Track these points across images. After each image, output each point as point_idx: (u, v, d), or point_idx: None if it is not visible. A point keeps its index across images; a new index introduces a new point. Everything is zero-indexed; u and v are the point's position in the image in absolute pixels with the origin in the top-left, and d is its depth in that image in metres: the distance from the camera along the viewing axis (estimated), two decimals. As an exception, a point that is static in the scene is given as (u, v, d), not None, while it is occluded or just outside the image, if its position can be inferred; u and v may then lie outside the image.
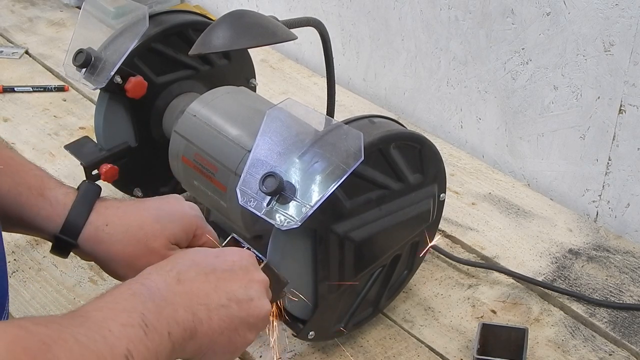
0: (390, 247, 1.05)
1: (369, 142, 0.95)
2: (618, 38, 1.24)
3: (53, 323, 0.62)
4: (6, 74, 1.77)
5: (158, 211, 0.90)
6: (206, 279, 0.74)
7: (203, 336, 0.72)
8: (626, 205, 1.34)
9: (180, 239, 0.90)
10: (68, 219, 0.87)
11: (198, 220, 0.92)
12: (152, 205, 0.91)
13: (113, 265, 0.88)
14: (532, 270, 1.24)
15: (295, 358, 1.09)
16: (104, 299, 0.68)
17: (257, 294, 0.77)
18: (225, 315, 0.74)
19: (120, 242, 0.87)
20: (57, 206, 0.87)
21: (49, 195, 0.87)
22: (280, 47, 1.84)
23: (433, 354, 1.10)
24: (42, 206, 0.87)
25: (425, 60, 1.59)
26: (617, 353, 1.10)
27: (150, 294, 0.69)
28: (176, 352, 0.70)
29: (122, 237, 0.87)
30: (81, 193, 0.89)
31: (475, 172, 1.48)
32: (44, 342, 0.58)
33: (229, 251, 0.81)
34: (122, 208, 0.90)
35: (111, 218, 0.88)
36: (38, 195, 0.87)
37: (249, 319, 0.76)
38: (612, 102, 1.29)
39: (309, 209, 0.88)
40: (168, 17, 1.25)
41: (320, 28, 1.15)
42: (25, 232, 0.91)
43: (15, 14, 2.05)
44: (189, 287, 0.73)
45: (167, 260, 0.76)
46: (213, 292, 0.74)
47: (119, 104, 1.23)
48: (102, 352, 0.61)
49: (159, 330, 0.67)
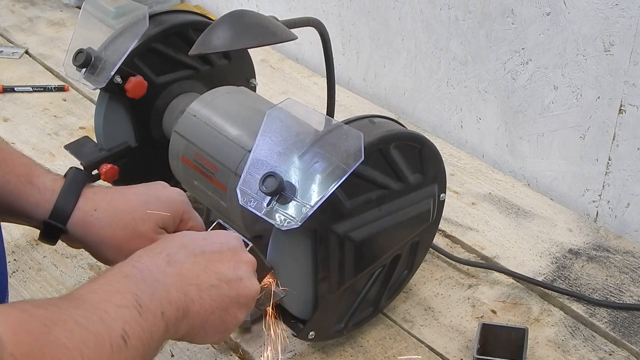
0: (390, 247, 1.05)
1: (369, 142, 0.95)
2: (618, 38, 1.24)
3: (52, 306, 0.63)
4: (6, 74, 1.77)
5: (146, 196, 0.92)
6: (195, 260, 0.76)
7: (195, 315, 0.73)
8: (626, 205, 1.34)
9: (168, 224, 0.92)
10: (57, 205, 0.87)
11: (184, 205, 0.94)
12: (140, 190, 0.93)
13: (102, 250, 0.89)
14: (532, 270, 1.24)
15: (295, 358, 1.09)
16: (98, 282, 0.69)
17: (245, 274, 0.79)
18: (216, 295, 0.76)
19: (109, 227, 0.88)
20: (45, 192, 0.88)
21: (37, 182, 0.88)
22: (280, 47, 1.84)
23: (433, 354, 1.10)
24: (31, 193, 0.88)
25: (425, 60, 1.59)
26: (617, 353, 1.10)
27: (142, 276, 0.71)
28: (170, 332, 0.71)
29: (110, 221, 0.88)
30: (69, 179, 0.90)
31: (475, 172, 1.48)
32: (45, 325, 0.59)
33: (216, 234, 0.82)
34: (110, 193, 0.91)
35: (100, 203, 0.89)
36: (26, 183, 0.88)
37: (239, 298, 0.78)
38: (612, 102, 1.29)
39: (309, 209, 0.88)
40: (168, 17, 1.25)
41: (320, 28, 1.15)
42: (14, 220, 0.91)
43: (15, 13, 2.05)
44: (179, 268, 0.74)
45: (156, 244, 0.77)
46: (203, 272, 0.75)
47: (119, 104, 1.23)
48: (100, 332, 0.63)
49: (153, 311, 0.68)
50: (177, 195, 0.94)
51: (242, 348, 1.10)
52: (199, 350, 1.09)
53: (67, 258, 1.24)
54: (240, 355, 1.10)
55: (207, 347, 1.10)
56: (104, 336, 0.63)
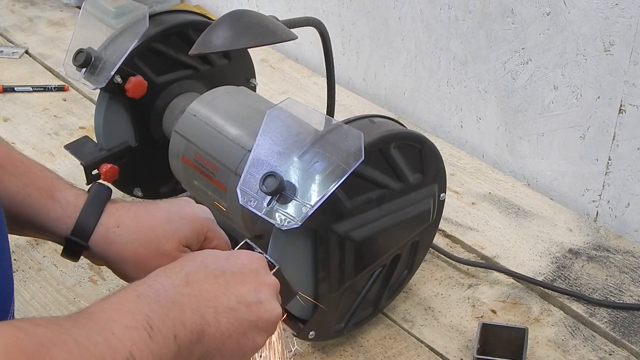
0: (391, 246, 1.05)
1: (369, 141, 0.95)
2: (618, 38, 1.24)
3: (53, 324, 0.60)
4: (6, 73, 1.77)
5: (169, 213, 0.89)
6: (215, 281, 0.72)
7: (211, 339, 0.70)
8: (626, 205, 1.34)
9: (192, 242, 0.89)
10: (79, 221, 0.85)
11: (209, 223, 0.90)
12: (164, 207, 0.90)
13: (124, 267, 0.87)
14: (532, 270, 1.24)
15: (295, 358, 1.09)
16: (109, 301, 0.67)
17: (267, 297, 0.75)
18: (234, 318, 0.72)
19: (132, 244, 0.86)
20: (67, 208, 0.86)
21: (60, 197, 0.86)
22: (280, 46, 1.84)
23: (433, 354, 1.10)
24: (53, 208, 0.85)
25: (425, 60, 1.59)
26: (617, 353, 1.10)
27: (157, 296, 0.68)
28: (182, 355, 0.68)
29: (133, 238, 0.86)
30: (92, 194, 0.88)
31: (475, 172, 1.48)
32: (42, 345, 0.57)
33: (239, 254, 0.78)
34: (133, 209, 0.89)
35: (122, 219, 0.87)
36: (48, 197, 0.86)
37: (258, 322, 0.74)
38: (612, 102, 1.29)
39: (309, 208, 0.88)
40: (168, 17, 1.25)
41: (320, 28, 1.15)
42: (35, 234, 0.89)
43: (15, 13, 2.05)
44: (197, 288, 0.71)
45: (176, 262, 0.74)
46: (222, 294, 0.72)
47: (119, 103, 1.23)
48: (103, 354, 0.60)
49: (164, 333, 0.65)
50: (201, 212, 0.91)
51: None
52: (199, 350, 1.09)
53: (67, 258, 1.24)
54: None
55: (207, 347, 1.10)
56: (107, 358, 0.60)
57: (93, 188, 0.89)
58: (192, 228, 0.88)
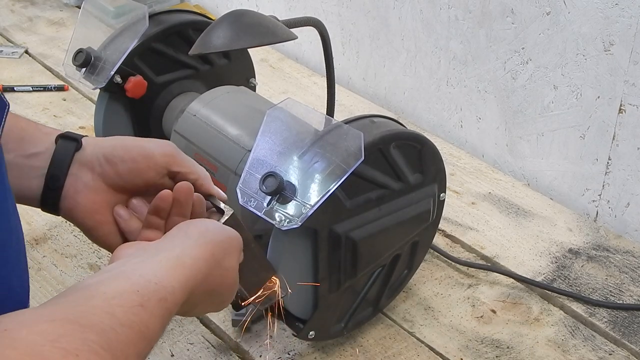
0: (390, 246, 1.05)
1: (369, 141, 0.95)
2: (618, 38, 1.24)
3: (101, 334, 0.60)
4: (6, 73, 1.77)
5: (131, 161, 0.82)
6: (210, 300, 0.76)
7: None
8: (626, 205, 1.34)
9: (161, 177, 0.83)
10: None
11: (166, 160, 0.82)
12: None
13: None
14: (532, 270, 1.24)
15: (295, 358, 1.09)
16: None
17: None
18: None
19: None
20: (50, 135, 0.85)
21: (45, 130, 0.86)
22: (280, 46, 1.84)
23: (433, 354, 1.10)
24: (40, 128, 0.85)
25: (425, 60, 1.59)
26: (617, 353, 1.10)
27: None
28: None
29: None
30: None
31: (475, 171, 1.48)
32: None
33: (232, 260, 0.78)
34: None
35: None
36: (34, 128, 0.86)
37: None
38: (612, 102, 1.29)
39: (309, 208, 0.88)
40: (168, 17, 1.25)
41: (320, 28, 1.15)
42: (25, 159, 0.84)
43: (15, 13, 2.05)
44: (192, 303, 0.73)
45: (185, 300, 0.72)
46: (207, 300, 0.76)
47: (119, 103, 1.23)
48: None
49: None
50: (155, 150, 0.82)
51: (242, 348, 1.10)
52: (199, 350, 1.09)
53: (67, 258, 1.24)
54: (240, 354, 1.10)
55: (207, 347, 1.10)
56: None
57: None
58: (143, 171, 0.82)
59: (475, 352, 1.10)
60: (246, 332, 1.11)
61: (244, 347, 1.10)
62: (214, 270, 0.73)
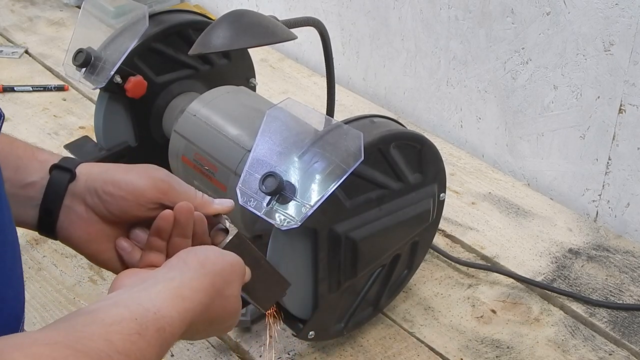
0: (390, 246, 1.05)
1: (369, 141, 0.95)
2: (618, 38, 1.24)
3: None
4: (6, 73, 1.77)
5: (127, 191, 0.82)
6: (210, 327, 0.76)
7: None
8: (626, 205, 1.34)
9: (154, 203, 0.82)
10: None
11: (158, 194, 0.81)
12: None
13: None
14: (532, 270, 1.24)
15: (295, 358, 1.09)
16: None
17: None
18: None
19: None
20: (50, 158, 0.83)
21: (40, 158, 0.83)
22: (280, 46, 1.84)
23: (433, 354, 1.10)
24: (37, 154, 0.83)
25: (425, 60, 1.59)
26: (617, 353, 1.10)
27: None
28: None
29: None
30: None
31: (475, 171, 1.48)
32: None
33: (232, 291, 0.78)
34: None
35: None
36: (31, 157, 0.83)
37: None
38: (612, 102, 1.29)
39: (309, 208, 0.88)
40: (168, 17, 1.25)
41: (320, 28, 1.15)
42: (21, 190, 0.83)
43: (15, 13, 2.05)
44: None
45: (187, 327, 0.72)
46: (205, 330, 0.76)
47: (118, 103, 1.23)
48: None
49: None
50: (145, 184, 0.81)
51: (242, 348, 1.10)
52: (199, 350, 1.09)
53: (67, 258, 1.24)
54: (240, 354, 1.10)
55: (207, 347, 1.10)
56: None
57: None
58: (137, 201, 0.81)
59: (475, 352, 1.10)
60: (246, 332, 1.11)
61: (244, 347, 1.10)
62: (215, 300, 0.73)
